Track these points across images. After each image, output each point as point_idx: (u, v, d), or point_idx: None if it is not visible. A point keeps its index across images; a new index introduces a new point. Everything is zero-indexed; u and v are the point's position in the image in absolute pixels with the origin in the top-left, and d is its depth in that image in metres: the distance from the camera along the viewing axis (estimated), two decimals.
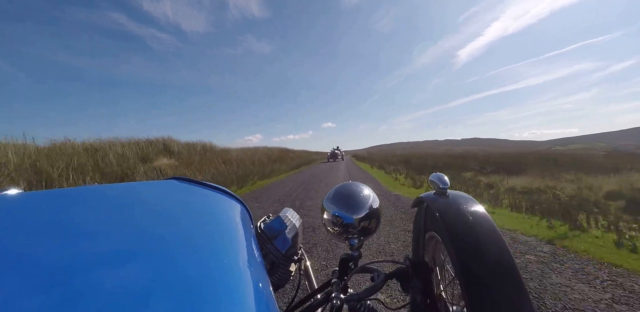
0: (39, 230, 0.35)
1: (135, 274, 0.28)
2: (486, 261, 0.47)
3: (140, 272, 0.29)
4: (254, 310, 0.28)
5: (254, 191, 7.18)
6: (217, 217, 0.50)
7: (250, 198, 6.03)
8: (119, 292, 0.25)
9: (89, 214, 0.42)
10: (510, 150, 21.33)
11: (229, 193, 0.63)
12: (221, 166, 10.09)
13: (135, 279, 0.27)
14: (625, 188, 5.45)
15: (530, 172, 9.18)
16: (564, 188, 5.90)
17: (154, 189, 0.59)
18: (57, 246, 0.31)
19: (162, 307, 0.24)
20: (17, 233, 0.34)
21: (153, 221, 0.42)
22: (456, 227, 0.52)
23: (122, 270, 0.28)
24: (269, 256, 0.69)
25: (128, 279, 0.27)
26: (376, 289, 0.58)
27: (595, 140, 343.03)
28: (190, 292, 0.27)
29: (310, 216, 4.02)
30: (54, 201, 0.45)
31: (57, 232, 0.34)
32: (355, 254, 0.72)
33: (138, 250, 0.33)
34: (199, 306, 0.25)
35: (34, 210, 0.41)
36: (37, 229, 0.35)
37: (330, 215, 0.72)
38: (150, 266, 0.30)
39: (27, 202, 0.45)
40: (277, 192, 6.74)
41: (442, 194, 0.62)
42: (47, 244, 0.32)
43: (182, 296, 0.26)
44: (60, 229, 0.35)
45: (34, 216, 0.39)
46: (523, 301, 0.43)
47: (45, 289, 0.24)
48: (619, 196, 5.02)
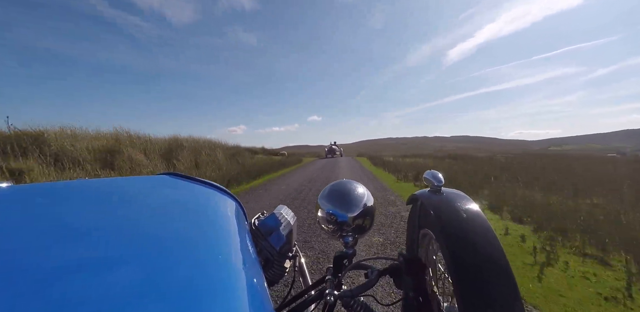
0: (27, 225, 0.34)
1: (126, 271, 0.28)
2: (478, 258, 0.47)
3: (132, 269, 0.28)
4: (248, 306, 0.29)
5: None
6: (211, 214, 0.50)
7: None
8: (110, 290, 0.25)
9: (78, 208, 0.41)
10: (527, 155, 17.92)
11: (222, 189, 0.63)
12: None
13: (127, 276, 0.27)
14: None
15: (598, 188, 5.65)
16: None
17: (145, 185, 0.59)
18: (44, 241, 0.31)
19: (156, 304, 0.24)
20: (3, 227, 0.33)
21: (145, 216, 0.42)
22: (449, 224, 0.53)
23: (112, 267, 0.28)
24: (263, 252, 0.69)
25: (119, 276, 0.27)
26: (370, 286, 0.59)
27: (585, 141, 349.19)
28: (184, 289, 0.27)
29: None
30: (43, 195, 0.44)
31: (45, 227, 0.34)
32: (350, 252, 0.73)
33: (129, 246, 0.32)
34: (193, 303, 0.25)
35: (22, 204, 0.40)
36: (25, 223, 0.34)
37: (325, 213, 0.73)
38: (142, 262, 0.30)
39: (15, 195, 0.44)
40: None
41: (436, 191, 0.63)
42: (35, 239, 0.31)
43: (176, 292, 0.26)
44: (48, 224, 0.35)
45: (21, 210, 0.38)
46: (514, 298, 0.43)
47: (32, 287, 0.24)
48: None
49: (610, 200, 4.79)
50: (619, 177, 6.99)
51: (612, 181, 6.42)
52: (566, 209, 4.04)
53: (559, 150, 44.73)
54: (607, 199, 4.91)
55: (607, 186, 5.90)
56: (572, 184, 6.20)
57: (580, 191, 5.52)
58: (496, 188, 5.89)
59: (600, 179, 6.87)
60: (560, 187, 6.06)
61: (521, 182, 6.60)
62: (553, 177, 7.42)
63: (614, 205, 4.36)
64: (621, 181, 6.23)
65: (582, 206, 4.39)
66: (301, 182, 7.47)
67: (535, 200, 4.70)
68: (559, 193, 5.48)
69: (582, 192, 5.45)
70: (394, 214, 4.04)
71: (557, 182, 6.55)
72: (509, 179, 7.09)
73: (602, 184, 6.09)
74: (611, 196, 5.03)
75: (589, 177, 7.17)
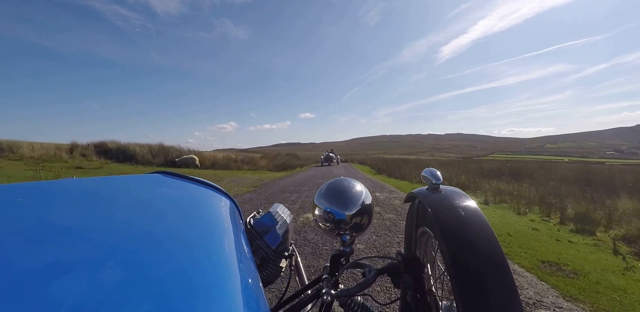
0: (15, 224, 0.33)
1: (119, 270, 0.27)
2: (476, 256, 0.47)
3: (124, 268, 0.28)
4: (243, 306, 0.28)
5: None
6: (205, 212, 0.49)
7: None
8: (102, 290, 0.24)
9: (70, 208, 0.40)
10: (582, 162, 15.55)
11: (217, 188, 0.62)
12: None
13: (120, 275, 0.26)
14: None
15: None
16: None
17: (138, 183, 0.58)
18: (34, 241, 0.30)
19: (149, 304, 0.24)
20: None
21: (138, 215, 0.41)
22: (448, 222, 0.52)
23: (105, 266, 0.27)
24: (259, 251, 0.68)
25: (112, 276, 0.26)
26: (367, 285, 0.58)
27: (579, 139, 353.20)
28: (177, 289, 0.26)
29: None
30: (33, 194, 0.43)
31: (35, 227, 0.33)
32: (347, 250, 0.72)
33: (121, 245, 0.32)
34: (186, 303, 0.25)
35: (11, 203, 0.39)
36: (13, 223, 0.33)
37: (322, 211, 0.72)
38: (135, 262, 0.29)
39: (4, 194, 0.43)
40: None
41: (434, 189, 0.62)
42: (24, 239, 0.30)
43: (170, 292, 0.26)
44: (38, 223, 0.34)
45: (9, 210, 0.37)
46: (512, 296, 0.43)
47: (23, 287, 0.23)
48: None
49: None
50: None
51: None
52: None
53: (557, 148, 44.57)
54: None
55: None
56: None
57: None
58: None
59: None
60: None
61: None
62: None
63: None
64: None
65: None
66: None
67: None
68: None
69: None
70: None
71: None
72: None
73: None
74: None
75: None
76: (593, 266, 2.42)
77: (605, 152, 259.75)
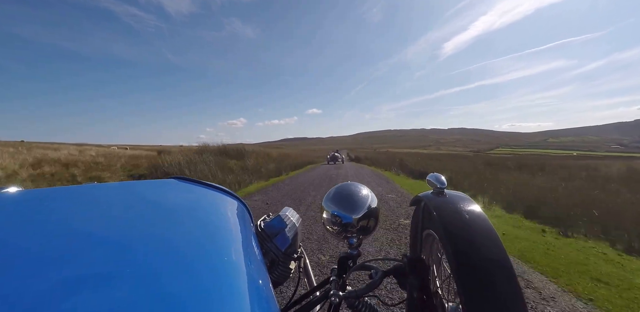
0: (37, 228, 0.35)
1: (136, 272, 0.28)
2: (481, 259, 0.48)
3: (141, 270, 0.29)
4: (254, 306, 0.29)
5: None
6: (218, 216, 0.50)
7: None
8: (120, 292, 0.25)
9: (89, 212, 0.42)
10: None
11: (229, 192, 0.63)
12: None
13: (137, 277, 0.28)
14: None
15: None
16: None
17: (154, 188, 0.59)
18: (54, 245, 0.31)
19: (163, 305, 0.25)
20: (14, 231, 0.34)
21: (154, 219, 0.43)
22: (452, 225, 0.53)
23: (122, 270, 0.28)
24: (269, 253, 0.69)
25: (129, 278, 0.27)
26: (374, 286, 0.60)
27: (579, 133, 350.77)
28: (192, 288, 0.28)
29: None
30: (54, 200, 0.45)
31: (56, 232, 0.34)
32: (354, 253, 0.73)
33: (139, 248, 0.33)
34: (199, 304, 0.26)
35: (33, 208, 0.41)
36: (35, 227, 0.35)
37: (330, 214, 0.73)
38: (152, 263, 0.31)
39: (26, 200, 0.45)
40: None
41: (439, 193, 0.64)
42: (45, 243, 0.32)
43: (183, 292, 0.27)
44: (59, 228, 0.35)
45: (32, 214, 0.39)
46: (517, 298, 0.44)
47: (45, 291, 0.24)
48: None
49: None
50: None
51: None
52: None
53: (559, 142, 44.16)
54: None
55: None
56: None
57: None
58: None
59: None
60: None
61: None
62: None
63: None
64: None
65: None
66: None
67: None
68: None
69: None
70: None
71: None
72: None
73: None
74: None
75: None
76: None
77: (610, 147, 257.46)
